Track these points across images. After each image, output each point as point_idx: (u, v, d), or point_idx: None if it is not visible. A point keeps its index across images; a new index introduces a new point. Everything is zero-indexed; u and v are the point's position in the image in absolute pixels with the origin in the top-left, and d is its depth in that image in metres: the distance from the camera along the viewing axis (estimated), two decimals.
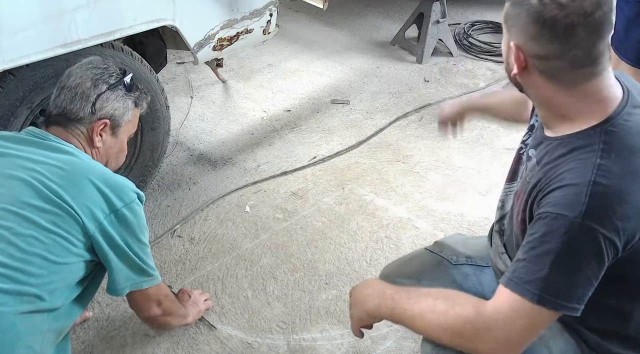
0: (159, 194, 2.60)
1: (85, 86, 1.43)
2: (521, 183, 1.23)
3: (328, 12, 3.62)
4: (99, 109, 1.44)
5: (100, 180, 1.34)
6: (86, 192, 1.31)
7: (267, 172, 2.79)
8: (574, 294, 1.02)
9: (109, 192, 1.34)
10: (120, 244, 1.37)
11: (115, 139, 1.52)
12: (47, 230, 1.25)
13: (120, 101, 1.48)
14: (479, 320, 1.07)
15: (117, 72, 1.51)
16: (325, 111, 3.34)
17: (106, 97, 1.45)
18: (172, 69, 3.58)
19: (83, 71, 1.47)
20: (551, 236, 1.01)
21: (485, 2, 5.07)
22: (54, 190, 1.28)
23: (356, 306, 1.31)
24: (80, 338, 1.92)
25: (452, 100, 2.47)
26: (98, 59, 1.53)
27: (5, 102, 1.86)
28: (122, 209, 1.35)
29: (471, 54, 4.17)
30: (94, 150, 1.47)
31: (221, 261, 2.28)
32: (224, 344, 1.95)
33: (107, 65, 1.50)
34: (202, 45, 2.32)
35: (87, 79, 1.44)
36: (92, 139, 1.45)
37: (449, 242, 1.59)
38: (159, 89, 2.27)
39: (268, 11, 2.51)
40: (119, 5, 1.94)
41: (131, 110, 1.52)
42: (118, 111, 1.48)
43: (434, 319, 1.12)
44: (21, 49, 1.75)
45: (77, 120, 1.43)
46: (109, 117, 1.46)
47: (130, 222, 1.38)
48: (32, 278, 1.22)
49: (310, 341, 1.98)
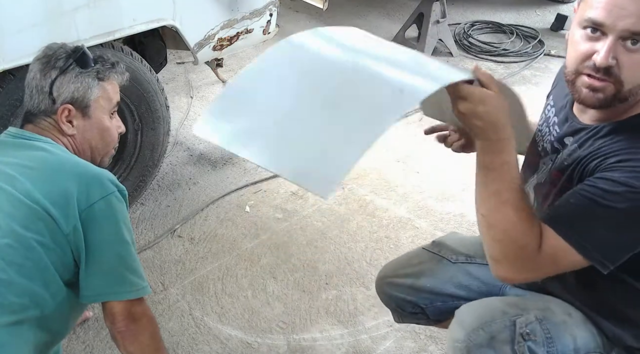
0: (159, 194, 2.60)
1: (37, 79, 1.38)
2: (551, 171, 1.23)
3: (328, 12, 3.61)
4: (57, 96, 1.37)
5: (73, 174, 1.27)
6: (58, 188, 1.24)
7: (267, 172, 2.79)
8: (616, 255, 1.06)
9: (84, 186, 1.25)
10: (94, 241, 1.25)
11: (89, 121, 1.42)
12: (20, 236, 1.20)
13: (77, 81, 1.38)
14: (533, 255, 1.07)
15: (67, 53, 1.41)
16: None
17: (59, 82, 1.37)
18: (172, 69, 3.58)
19: (33, 64, 1.41)
20: (615, 196, 1.03)
21: (485, 2, 5.07)
22: (25, 192, 1.22)
23: (488, 105, 1.02)
24: (80, 338, 1.92)
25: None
26: (50, 46, 1.43)
27: (5, 102, 1.86)
28: (98, 202, 1.25)
29: (471, 54, 4.17)
30: (69, 138, 1.40)
31: (221, 261, 2.28)
32: (224, 344, 1.95)
33: (55, 50, 1.41)
34: (202, 45, 2.32)
35: (37, 71, 1.38)
36: (62, 128, 1.38)
37: (447, 242, 1.57)
38: (159, 89, 2.27)
39: (268, 11, 2.51)
40: (119, 5, 1.94)
41: (95, 86, 1.40)
42: (78, 92, 1.38)
43: (505, 217, 1.07)
44: (21, 49, 1.75)
45: (41, 113, 1.38)
46: (70, 102, 1.38)
47: (108, 216, 1.26)
48: (13, 287, 1.18)
49: (310, 341, 1.98)
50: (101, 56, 1.45)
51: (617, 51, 1.03)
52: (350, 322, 2.06)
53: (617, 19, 1.01)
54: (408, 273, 1.54)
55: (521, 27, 4.58)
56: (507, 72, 3.95)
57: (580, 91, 1.09)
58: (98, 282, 1.27)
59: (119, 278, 1.28)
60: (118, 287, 1.28)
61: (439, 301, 1.49)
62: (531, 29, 4.56)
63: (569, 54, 1.12)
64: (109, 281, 1.27)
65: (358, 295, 2.16)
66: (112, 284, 1.28)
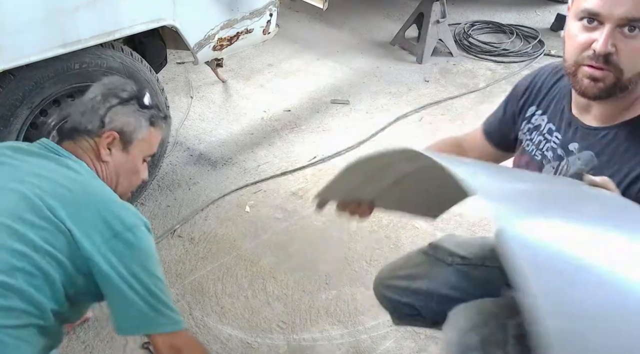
0: (159, 194, 2.60)
1: (96, 100, 1.42)
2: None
3: (328, 12, 3.62)
4: (109, 122, 1.41)
5: (103, 202, 1.28)
6: (86, 212, 1.25)
7: (267, 172, 2.79)
8: None
9: (111, 215, 1.26)
10: (123, 272, 1.24)
11: (126, 156, 1.46)
12: (36, 246, 1.20)
13: (131, 116, 1.44)
14: None
15: (133, 89, 1.48)
16: (325, 111, 3.34)
17: (116, 110, 1.42)
18: (172, 69, 3.58)
19: (97, 87, 1.46)
20: None
21: (485, 2, 5.07)
22: (50, 206, 1.23)
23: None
24: (81, 338, 1.92)
25: None
26: (116, 77, 1.52)
27: (5, 102, 1.86)
28: (124, 233, 1.26)
29: (471, 54, 4.17)
30: (102, 165, 1.43)
31: (221, 261, 2.28)
32: (224, 344, 1.95)
33: (123, 82, 1.49)
34: (202, 45, 2.32)
35: (98, 93, 1.44)
36: (100, 153, 1.41)
37: (444, 244, 1.57)
38: (159, 89, 2.27)
39: (268, 11, 2.51)
40: (119, 5, 1.94)
41: (145, 127, 1.46)
42: (129, 126, 1.43)
43: None
44: (21, 49, 1.75)
45: (86, 132, 1.41)
46: (118, 131, 1.42)
47: (135, 248, 1.26)
48: (20, 294, 1.19)
49: (310, 341, 1.98)
50: (157, 105, 1.52)
51: (615, 39, 1.03)
52: (350, 322, 2.06)
53: (612, 6, 1.02)
54: (404, 275, 1.54)
55: (521, 27, 4.58)
56: (507, 72, 3.95)
57: (581, 83, 1.09)
58: (131, 315, 1.26)
59: (151, 311, 1.27)
60: (151, 320, 1.27)
61: (434, 302, 1.49)
62: (531, 29, 4.56)
63: (568, 48, 1.11)
64: (142, 315, 1.26)
65: (358, 295, 2.16)
66: (145, 318, 1.27)
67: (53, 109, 2.04)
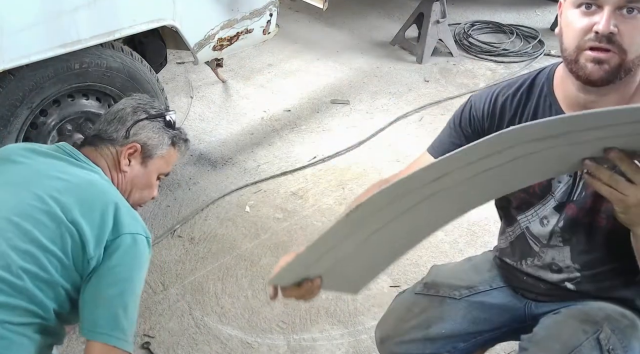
0: (159, 194, 2.59)
1: (125, 112, 1.47)
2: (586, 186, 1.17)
3: (328, 12, 3.62)
4: (133, 134, 1.45)
5: (114, 206, 1.29)
6: (97, 215, 1.27)
7: (267, 172, 2.79)
8: None
9: (119, 217, 1.28)
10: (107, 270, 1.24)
11: (143, 170, 1.49)
12: (44, 247, 1.22)
13: (156, 132, 1.48)
14: None
15: (161, 107, 1.53)
16: (325, 111, 3.34)
17: (143, 125, 1.46)
18: (172, 69, 3.58)
19: (127, 100, 1.51)
20: None
21: (485, 2, 5.07)
22: (63, 207, 1.25)
23: None
24: (81, 338, 1.92)
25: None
26: (146, 95, 1.57)
27: (5, 102, 1.87)
28: (126, 235, 1.28)
29: (471, 54, 4.17)
30: (119, 174, 1.45)
31: (221, 261, 2.28)
32: (224, 344, 1.95)
33: (152, 100, 1.55)
34: (202, 45, 2.32)
35: (128, 105, 1.48)
36: (120, 162, 1.44)
37: (439, 279, 1.44)
38: (159, 89, 2.27)
39: (268, 11, 2.51)
40: (119, 5, 1.94)
41: (166, 145, 1.51)
42: (152, 141, 1.47)
43: None
44: (21, 49, 1.75)
45: (109, 140, 1.44)
46: (141, 144, 1.46)
47: (130, 255, 1.27)
48: (25, 293, 1.20)
49: (310, 341, 1.98)
50: (180, 128, 1.58)
51: (616, 20, 1.03)
52: (350, 322, 2.06)
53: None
54: (414, 325, 1.37)
55: (521, 27, 4.58)
56: (507, 72, 3.95)
57: (585, 67, 1.06)
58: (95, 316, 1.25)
59: (114, 319, 1.24)
60: (110, 329, 1.24)
61: (460, 343, 1.37)
62: (531, 29, 4.56)
63: (566, 36, 1.09)
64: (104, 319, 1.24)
65: (358, 295, 2.15)
66: (105, 324, 1.24)
67: (53, 109, 2.04)
